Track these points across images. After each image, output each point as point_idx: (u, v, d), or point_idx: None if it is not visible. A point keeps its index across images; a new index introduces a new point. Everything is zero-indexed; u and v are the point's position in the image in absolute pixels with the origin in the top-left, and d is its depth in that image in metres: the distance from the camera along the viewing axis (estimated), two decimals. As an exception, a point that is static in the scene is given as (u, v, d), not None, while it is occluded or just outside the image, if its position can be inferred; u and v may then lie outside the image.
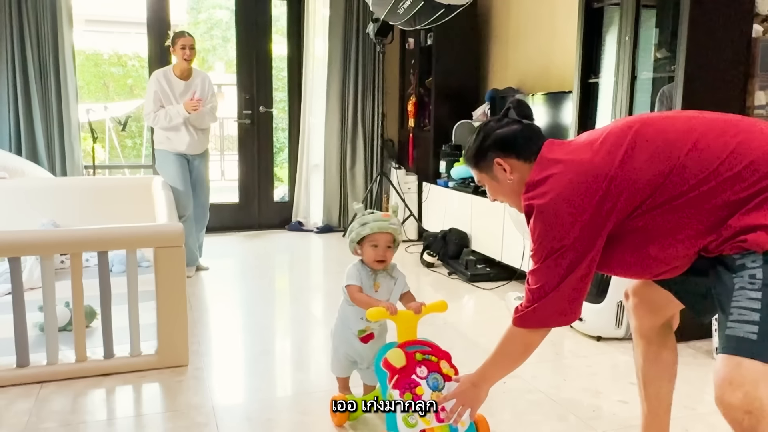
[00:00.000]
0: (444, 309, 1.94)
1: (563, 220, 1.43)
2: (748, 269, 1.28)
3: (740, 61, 2.86)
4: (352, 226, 1.98)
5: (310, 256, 4.88)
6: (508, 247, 3.84)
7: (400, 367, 1.76)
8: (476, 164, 1.66)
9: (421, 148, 5.39)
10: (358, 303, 1.94)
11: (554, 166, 1.48)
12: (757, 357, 1.21)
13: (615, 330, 2.85)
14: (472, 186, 4.34)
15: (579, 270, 1.46)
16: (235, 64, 5.46)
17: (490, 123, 1.65)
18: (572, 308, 1.52)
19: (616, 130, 1.47)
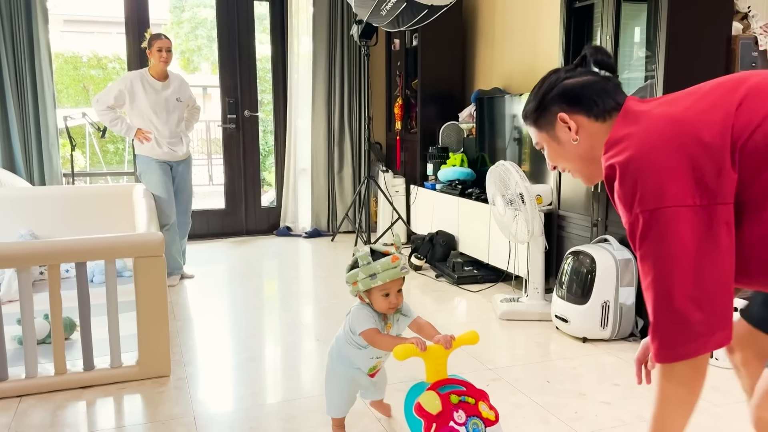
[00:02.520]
0: (476, 341, 1.70)
1: (658, 172, 1.12)
2: None
3: (721, 58, 2.86)
4: (355, 272, 1.75)
5: (299, 261, 4.85)
6: (495, 249, 3.83)
7: (436, 414, 1.56)
8: (535, 120, 1.37)
9: (408, 150, 5.38)
10: (380, 346, 1.75)
11: (642, 120, 1.20)
12: None
13: (601, 331, 2.84)
14: (459, 188, 4.33)
15: (708, 254, 1.09)
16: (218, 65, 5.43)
17: (558, 71, 1.36)
18: (725, 310, 1.11)
19: (725, 82, 1.21)
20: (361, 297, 1.79)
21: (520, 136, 4.12)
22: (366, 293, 1.76)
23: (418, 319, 1.82)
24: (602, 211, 3.09)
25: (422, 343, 1.63)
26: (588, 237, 3.17)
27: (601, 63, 1.33)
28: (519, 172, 3.20)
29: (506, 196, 3.25)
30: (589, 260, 2.86)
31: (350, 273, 1.77)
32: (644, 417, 2.16)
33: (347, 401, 1.99)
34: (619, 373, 2.55)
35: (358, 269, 1.73)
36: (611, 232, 3.02)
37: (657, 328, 1.15)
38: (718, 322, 1.11)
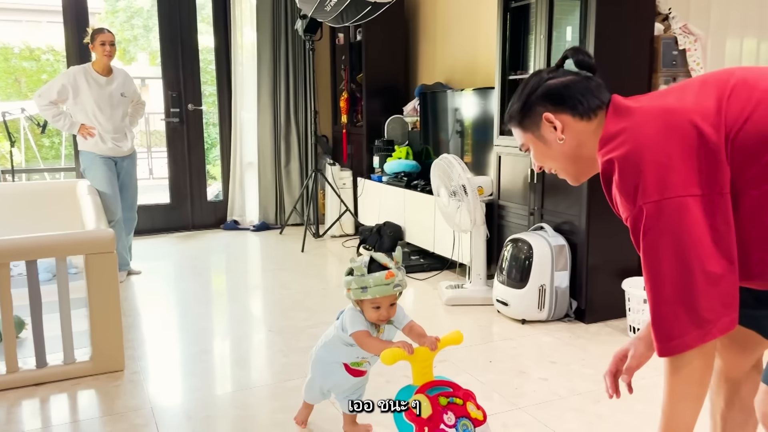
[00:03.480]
0: (460, 341, 1.72)
1: (660, 163, 1.12)
2: None
3: (644, 57, 3.07)
4: (348, 280, 1.74)
5: (248, 254, 4.89)
6: (440, 238, 3.98)
7: (427, 417, 1.54)
8: (520, 121, 1.36)
9: (354, 143, 5.47)
10: (369, 349, 1.74)
11: (636, 114, 1.21)
12: None
13: (538, 313, 3.03)
14: (405, 180, 4.46)
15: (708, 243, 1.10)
16: (159, 56, 5.35)
17: (541, 73, 1.36)
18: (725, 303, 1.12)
19: (712, 76, 1.23)
20: (354, 304, 1.78)
21: (462, 129, 4.28)
22: (358, 302, 1.75)
23: (410, 322, 1.80)
24: (538, 201, 3.27)
25: (409, 346, 1.62)
26: (526, 225, 3.35)
27: (582, 63, 1.33)
28: (461, 164, 3.34)
29: (450, 187, 3.40)
30: (527, 247, 3.03)
31: (345, 279, 1.75)
32: (578, 390, 2.34)
33: (320, 391, 1.98)
34: (555, 351, 2.74)
35: (351, 279, 1.71)
36: (547, 220, 3.21)
37: (662, 321, 1.15)
38: (724, 307, 1.11)
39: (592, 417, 2.15)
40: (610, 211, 1.33)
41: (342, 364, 1.88)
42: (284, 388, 2.40)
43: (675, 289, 1.13)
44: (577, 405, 2.23)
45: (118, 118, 3.87)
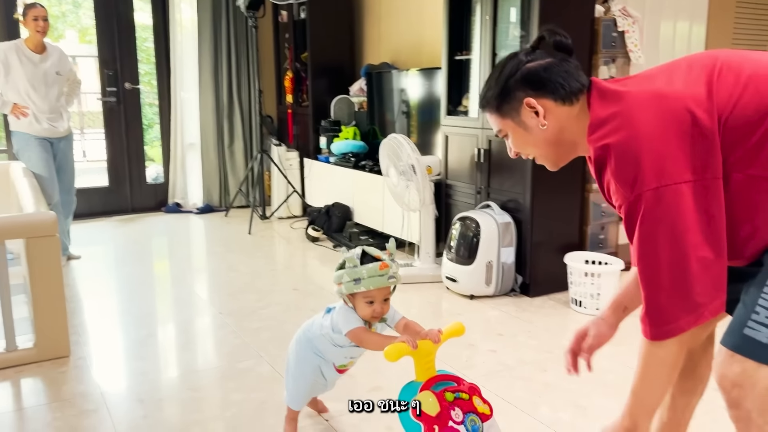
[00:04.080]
0: (462, 332, 1.64)
1: (657, 150, 1.12)
2: None
3: (585, 38, 3.17)
4: (340, 273, 1.64)
5: (191, 237, 4.80)
6: (388, 218, 4.02)
7: (436, 415, 1.46)
8: (498, 107, 1.31)
9: (300, 124, 5.42)
10: (369, 346, 1.64)
11: (625, 98, 1.19)
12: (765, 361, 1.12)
13: (486, 288, 3.12)
14: (353, 161, 4.47)
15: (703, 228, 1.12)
16: (90, 32, 5.12)
17: (518, 55, 1.30)
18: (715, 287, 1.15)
19: (697, 59, 1.22)
20: (346, 301, 1.67)
21: (408, 109, 4.31)
22: (350, 297, 1.65)
23: (403, 319, 1.71)
24: (485, 180, 3.35)
25: (412, 340, 1.53)
26: (473, 203, 3.43)
27: (560, 44, 1.28)
28: (410, 144, 3.38)
29: (399, 167, 3.43)
30: (475, 225, 3.11)
31: (336, 273, 1.65)
32: (525, 360, 2.43)
33: (310, 392, 1.88)
34: (502, 324, 2.83)
35: (344, 271, 1.62)
36: (493, 199, 3.29)
37: (657, 307, 1.17)
38: (716, 290, 1.15)
39: (539, 385, 2.24)
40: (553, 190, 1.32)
41: (332, 364, 1.79)
42: (237, 369, 2.39)
43: (671, 276, 1.15)
44: (524, 374, 2.32)
45: (53, 98, 3.71)
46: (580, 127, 1.26)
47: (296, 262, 4.07)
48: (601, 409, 2.04)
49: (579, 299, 2.95)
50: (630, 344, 2.63)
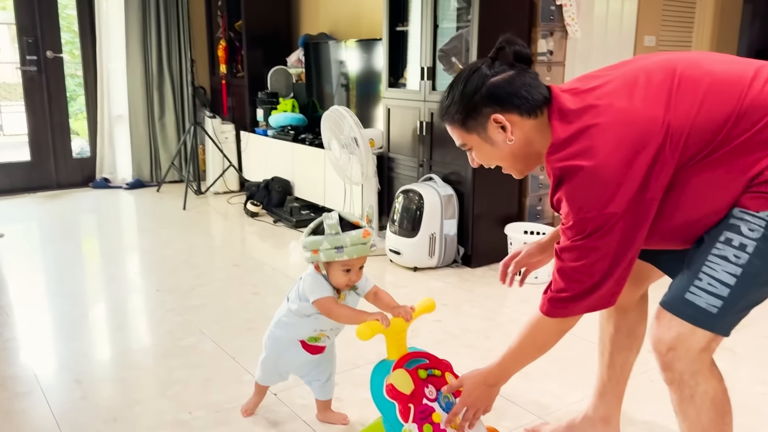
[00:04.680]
0: (434, 308, 1.61)
1: (614, 181, 1.16)
2: (742, 236, 1.15)
3: (525, 11, 3.20)
4: (318, 239, 1.53)
5: (122, 214, 4.61)
6: (330, 192, 3.98)
7: (410, 393, 1.43)
8: (463, 123, 1.31)
9: (235, 95, 5.27)
10: (336, 317, 1.57)
11: (586, 116, 1.21)
12: (710, 329, 1.19)
13: (429, 260, 3.15)
14: (292, 134, 4.38)
15: (635, 244, 1.21)
16: (10, 1, 4.79)
17: (480, 68, 1.29)
18: (622, 287, 1.26)
19: (655, 70, 1.23)
20: (318, 267, 1.59)
21: (348, 82, 4.26)
22: (325, 264, 1.57)
23: (374, 288, 1.66)
24: (427, 153, 3.36)
25: (385, 318, 1.49)
26: (415, 176, 3.44)
27: (520, 55, 1.28)
28: (353, 116, 3.34)
29: (341, 140, 3.39)
30: (418, 197, 3.12)
31: (312, 239, 1.54)
32: (469, 329, 2.48)
33: (276, 371, 1.79)
34: (446, 294, 2.87)
35: (323, 237, 1.52)
36: (435, 171, 3.31)
37: (566, 290, 1.25)
38: (619, 288, 1.25)
39: (483, 351, 2.29)
40: None
41: (298, 341, 1.70)
42: (180, 347, 2.33)
43: (595, 280, 1.23)
44: (469, 342, 2.37)
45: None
46: (545, 139, 1.28)
47: (235, 238, 3.99)
48: (541, 371, 2.10)
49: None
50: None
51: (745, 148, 1.15)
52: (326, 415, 1.84)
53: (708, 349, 1.20)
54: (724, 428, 1.26)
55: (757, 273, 1.16)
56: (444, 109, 1.34)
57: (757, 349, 2.28)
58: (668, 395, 1.28)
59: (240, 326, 2.51)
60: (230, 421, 1.84)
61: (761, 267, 1.15)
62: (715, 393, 1.23)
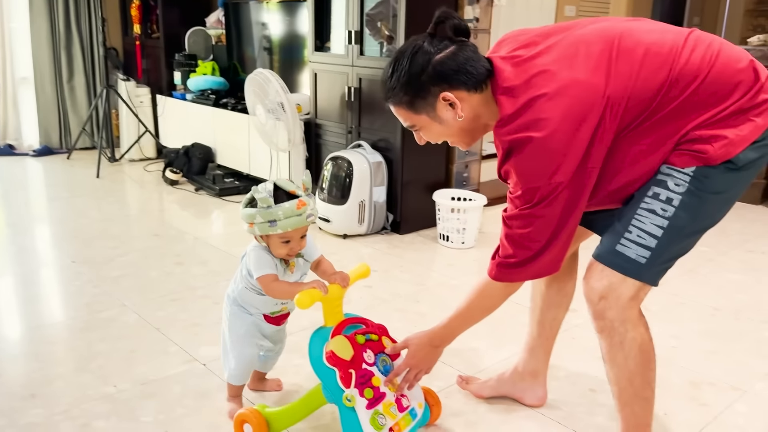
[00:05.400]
0: (368, 274, 1.59)
1: (561, 152, 1.19)
2: (668, 191, 1.21)
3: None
4: (251, 213, 1.46)
5: (30, 182, 4.31)
6: (255, 159, 3.88)
7: (350, 359, 1.43)
8: (411, 104, 1.29)
9: (150, 57, 5.00)
10: (278, 295, 1.53)
11: (531, 89, 1.22)
12: (639, 278, 1.25)
13: (358, 227, 3.14)
14: (213, 98, 4.22)
15: (577, 210, 1.26)
16: None
17: (422, 45, 1.26)
18: (566, 252, 1.32)
19: (594, 41, 1.24)
20: (259, 240, 1.53)
21: (271, 45, 4.13)
22: (264, 237, 1.51)
23: (320, 258, 1.61)
24: (356, 119, 3.32)
25: (323, 285, 1.45)
26: (344, 143, 3.40)
27: (458, 28, 1.27)
28: (279, 80, 3.25)
29: (266, 105, 3.29)
30: (347, 164, 3.09)
31: (246, 212, 1.48)
32: (399, 294, 2.50)
33: (252, 361, 1.67)
34: (375, 261, 2.88)
35: (255, 211, 1.46)
36: (364, 138, 3.28)
37: (515, 256, 1.31)
38: (563, 254, 1.31)
39: (413, 315, 2.32)
40: None
41: (262, 316, 1.63)
42: (99, 319, 2.22)
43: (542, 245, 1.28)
44: (400, 306, 2.40)
45: None
46: (491, 111, 1.30)
47: (154, 207, 3.82)
48: (469, 333, 2.14)
49: (446, 234, 3.08)
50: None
51: (677, 113, 1.20)
52: (260, 384, 1.81)
53: (636, 297, 1.27)
54: (649, 374, 1.34)
55: (683, 226, 1.22)
56: (389, 91, 1.31)
57: (669, 306, 2.43)
58: (591, 351, 1.34)
59: (163, 297, 2.43)
60: (158, 392, 1.78)
61: (686, 220, 1.22)
62: (642, 340, 1.30)
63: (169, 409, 1.71)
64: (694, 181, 1.20)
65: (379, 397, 1.44)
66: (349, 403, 1.39)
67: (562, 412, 1.74)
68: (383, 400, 1.44)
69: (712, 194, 1.22)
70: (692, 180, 1.20)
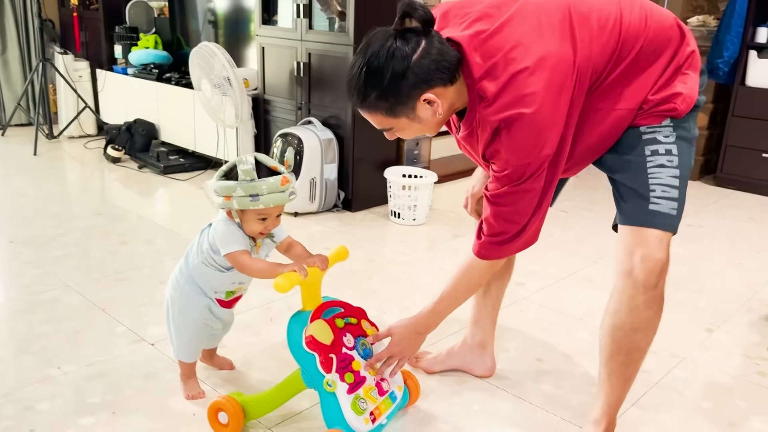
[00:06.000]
0: (347, 256, 1.54)
1: (549, 124, 1.22)
2: (663, 144, 1.27)
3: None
4: (231, 185, 1.39)
5: (-40, 159, 4.09)
6: (201, 136, 3.78)
7: (330, 344, 1.40)
8: (390, 110, 1.24)
9: (89, 30, 4.80)
10: (251, 272, 1.45)
11: (512, 63, 1.20)
12: (672, 230, 1.29)
13: (310, 205, 3.12)
14: (156, 73, 4.08)
15: (556, 178, 1.30)
16: None
17: (396, 47, 1.19)
18: (543, 220, 1.36)
19: (552, 11, 1.24)
20: (230, 213, 1.46)
21: (215, 18, 4.02)
22: (239, 212, 1.44)
23: (288, 238, 1.55)
24: (305, 95, 3.28)
25: (302, 268, 1.39)
26: (294, 120, 3.36)
27: (424, 19, 1.20)
28: (225, 54, 3.16)
29: (212, 79, 3.21)
30: (297, 141, 3.05)
31: (224, 184, 1.40)
32: (352, 270, 2.50)
33: (202, 339, 1.63)
34: (327, 238, 2.87)
35: (236, 183, 1.39)
36: (314, 115, 3.24)
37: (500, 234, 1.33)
38: (542, 223, 1.36)
39: (366, 291, 2.34)
40: None
41: (215, 300, 1.57)
42: (41, 301, 2.14)
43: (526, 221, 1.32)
44: (352, 283, 2.40)
45: None
46: (463, 96, 1.28)
47: (95, 185, 3.69)
48: (421, 307, 2.19)
49: (398, 211, 3.09)
50: (442, 251, 2.84)
51: (627, 72, 1.26)
52: (210, 360, 1.78)
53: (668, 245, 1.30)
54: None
55: (687, 168, 1.31)
56: (363, 99, 1.24)
57: (612, 278, 2.52)
58: (537, 323, 1.37)
59: (108, 277, 2.36)
60: (104, 373, 1.74)
61: (687, 162, 1.30)
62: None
63: (116, 389, 1.67)
64: (677, 129, 1.29)
65: (360, 381, 1.42)
66: (329, 388, 1.38)
67: (510, 381, 1.78)
68: (364, 384, 1.43)
69: (692, 137, 1.32)
70: (675, 128, 1.29)
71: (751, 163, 3.84)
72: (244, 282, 1.58)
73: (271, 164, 1.44)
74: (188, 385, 1.66)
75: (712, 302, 2.34)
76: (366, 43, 1.24)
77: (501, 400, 1.70)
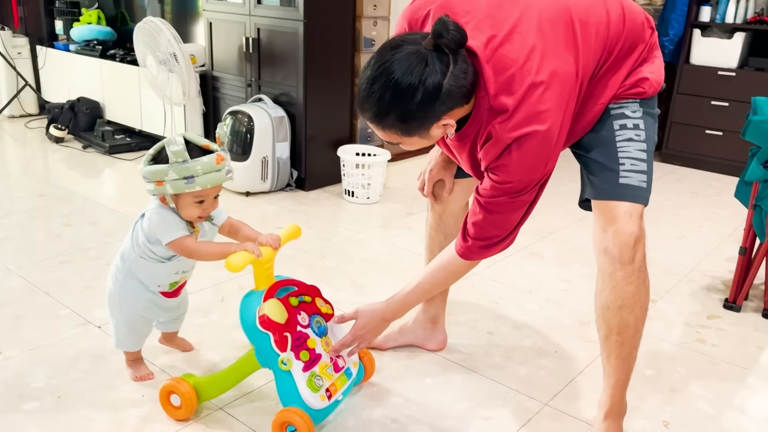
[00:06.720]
0: (299, 234, 1.50)
1: (557, 140, 1.23)
2: (631, 118, 1.31)
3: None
4: (163, 169, 1.33)
5: None
6: (147, 114, 3.67)
7: (285, 323, 1.38)
8: (407, 130, 1.19)
9: (28, 4, 4.57)
10: (203, 257, 1.40)
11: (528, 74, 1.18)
12: (644, 202, 1.31)
13: (261, 184, 3.07)
14: (99, 49, 3.94)
15: (543, 188, 1.34)
16: None
17: (430, 71, 1.12)
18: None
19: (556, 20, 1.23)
20: (164, 199, 1.39)
21: (162, -7, 3.90)
22: (173, 197, 1.37)
23: (229, 219, 1.50)
24: (255, 72, 3.22)
25: (255, 247, 1.36)
26: (243, 97, 3.29)
27: (458, 41, 1.14)
28: (171, 29, 3.07)
29: (158, 56, 3.12)
30: (248, 119, 3.00)
31: (154, 169, 1.34)
32: (305, 249, 2.49)
33: (143, 331, 1.58)
34: (280, 218, 2.84)
35: (168, 167, 1.32)
36: (265, 92, 3.19)
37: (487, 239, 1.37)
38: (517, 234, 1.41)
39: (319, 270, 2.33)
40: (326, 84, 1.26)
41: (158, 293, 1.52)
42: (-20, 286, 2.06)
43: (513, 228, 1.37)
44: (306, 262, 2.39)
45: None
46: (468, 109, 1.25)
47: (38, 166, 3.55)
48: (376, 286, 2.19)
49: (351, 190, 3.08)
50: (395, 229, 2.85)
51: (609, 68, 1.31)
52: (172, 342, 1.75)
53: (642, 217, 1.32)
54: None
55: (653, 142, 1.35)
56: (380, 115, 1.17)
57: (560, 253, 2.58)
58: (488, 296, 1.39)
59: (52, 260, 2.28)
60: (49, 357, 1.69)
61: (653, 136, 1.35)
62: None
63: (62, 373, 1.62)
64: (643, 104, 1.34)
65: (315, 359, 1.41)
66: (285, 366, 1.36)
67: (462, 354, 1.81)
68: (319, 361, 1.42)
69: (656, 114, 1.38)
70: (641, 103, 1.33)
71: (695, 139, 3.96)
72: (188, 270, 1.54)
73: (202, 143, 1.38)
74: (135, 368, 1.62)
75: (656, 274, 2.42)
76: (389, 54, 1.15)
77: (453, 373, 1.72)
